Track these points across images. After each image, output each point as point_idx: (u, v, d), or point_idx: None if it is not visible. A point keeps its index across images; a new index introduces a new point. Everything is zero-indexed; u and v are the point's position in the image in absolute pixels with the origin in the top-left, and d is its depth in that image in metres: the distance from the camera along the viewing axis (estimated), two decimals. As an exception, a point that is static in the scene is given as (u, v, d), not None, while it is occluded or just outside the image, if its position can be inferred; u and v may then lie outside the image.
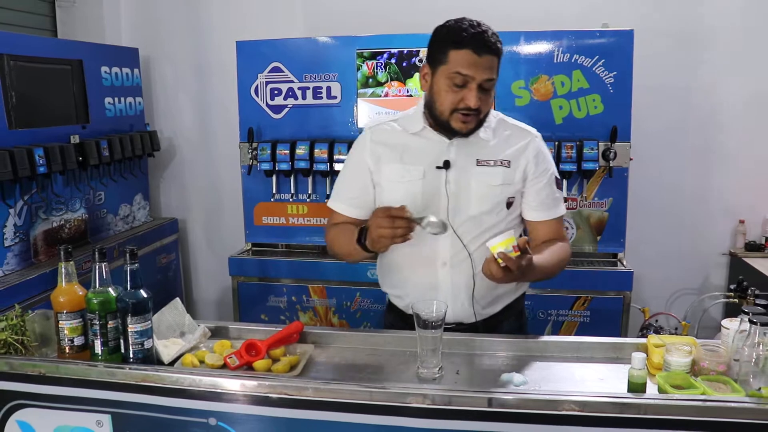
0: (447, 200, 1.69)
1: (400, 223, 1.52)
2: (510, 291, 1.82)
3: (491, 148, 1.73)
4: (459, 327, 1.76)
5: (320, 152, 3.09)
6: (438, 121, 1.68)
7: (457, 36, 1.58)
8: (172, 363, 1.55)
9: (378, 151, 1.77)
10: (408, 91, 3.12)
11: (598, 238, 3.12)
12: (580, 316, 3.03)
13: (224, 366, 1.53)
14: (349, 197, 1.83)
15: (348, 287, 3.17)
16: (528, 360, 1.61)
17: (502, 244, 1.49)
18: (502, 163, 1.72)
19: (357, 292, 3.17)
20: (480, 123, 1.69)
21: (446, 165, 1.70)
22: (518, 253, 1.49)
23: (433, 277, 1.74)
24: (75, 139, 3.08)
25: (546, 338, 1.69)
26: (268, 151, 3.15)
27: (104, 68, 3.41)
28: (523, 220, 1.82)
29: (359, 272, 3.12)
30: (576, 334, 3.01)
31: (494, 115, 1.78)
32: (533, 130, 1.80)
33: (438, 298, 1.71)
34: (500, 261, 1.49)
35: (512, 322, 1.86)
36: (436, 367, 1.51)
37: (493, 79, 1.62)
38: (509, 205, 1.75)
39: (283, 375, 1.49)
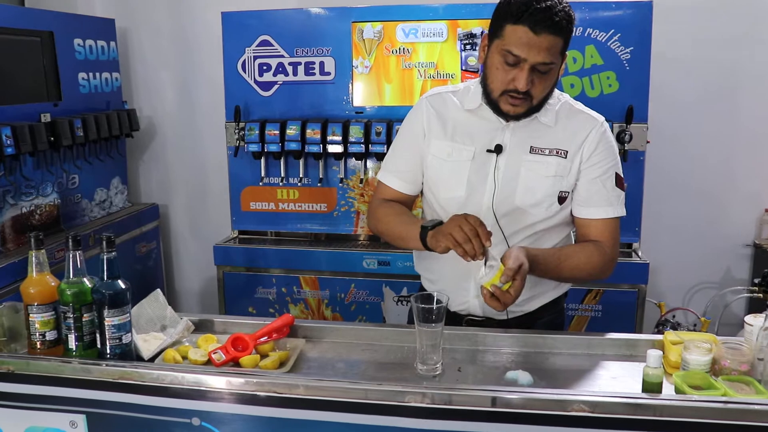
0: (494, 187, 1.67)
1: (479, 241, 1.47)
2: (549, 289, 1.79)
3: (549, 136, 1.69)
4: (488, 322, 1.76)
5: (312, 133, 3.08)
6: (489, 100, 1.65)
7: (516, 9, 1.51)
8: (152, 359, 1.56)
9: (432, 122, 1.75)
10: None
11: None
12: (591, 310, 3.04)
13: (209, 362, 1.54)
14: (401, 170, 1.81)
15: (342, 278, 3.17)
16: (535, 357, 1.62)
17: (495, 279, 1.49)
18: (558, 152, 1.68)
19: (352, 283, 3.17)
20: (533, 109, 1.64)
21: (498, 149, 1.67)
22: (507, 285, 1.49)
23: (466, 267, 1.70)
24: (46, 117, 3.06)
25: (554, 334, 1.69)
26: (257, 132, 3.13)
27: (77, 41, 3.38)
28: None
29: (354, 262, 3.12)
30: (587, 330, 3.03)
31: (559, 98, 1.72)
32: (599, 117, 1.73)
33: (470, 288, 1.73)
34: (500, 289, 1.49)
35: (548, 322, 1.82)
36: (436, 364, 1.51)
37: (552, 63, 1.55)
38: (562, 200, 1.70)
39: (272, 372, 1.50)
